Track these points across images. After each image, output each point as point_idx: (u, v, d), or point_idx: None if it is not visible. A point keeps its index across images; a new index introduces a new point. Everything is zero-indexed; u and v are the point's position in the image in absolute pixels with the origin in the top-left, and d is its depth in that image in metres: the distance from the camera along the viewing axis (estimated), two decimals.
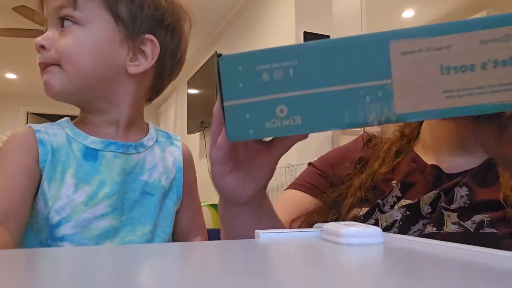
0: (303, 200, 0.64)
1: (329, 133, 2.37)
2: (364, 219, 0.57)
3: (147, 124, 0.63)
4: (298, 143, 0.40)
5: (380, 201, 0.59)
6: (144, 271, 0.25)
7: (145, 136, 0.60)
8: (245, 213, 0.44)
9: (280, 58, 0.34)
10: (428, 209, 0.54)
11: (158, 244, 0.55)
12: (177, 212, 0.61)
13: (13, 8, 3.18)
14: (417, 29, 0.33)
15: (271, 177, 0.44)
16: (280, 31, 2.73)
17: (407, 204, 0.57)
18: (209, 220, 3.45)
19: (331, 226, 0.34)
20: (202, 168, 4.21)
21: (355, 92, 0.34)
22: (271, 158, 0.42)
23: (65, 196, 0.52)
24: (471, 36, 0.32)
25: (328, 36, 2.56)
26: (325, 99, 0.34)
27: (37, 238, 0.52)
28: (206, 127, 4.00)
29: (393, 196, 0.59)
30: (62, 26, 0.53)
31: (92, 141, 0.55)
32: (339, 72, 0.34)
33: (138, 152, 0.58)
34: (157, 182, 0.58)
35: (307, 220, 0.61)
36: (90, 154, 0.55)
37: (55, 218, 0.51)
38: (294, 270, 0.25)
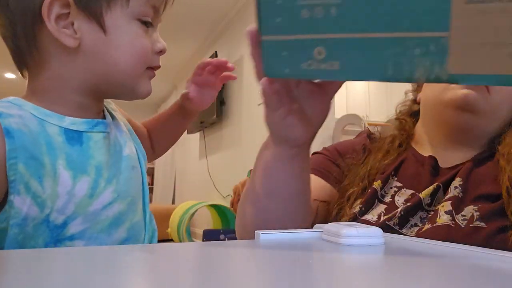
0: (318, 184, 0.65)
1: (329, 133, 2.37)
2: (365, 209, 0.58)
3: None
4: None
5: (379, 190, 0.60)
6: (144, 271, 0.25)
7: (102, 112, 0.56)
8: (297, 159, 0.45)
9: None
10: (428, 199, 0.55)
11: (158, 244, 0.54)
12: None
13: None
14: None
15: (325, 118, 0.44)
16: None
17: (409, 196, 0.58)
18: (209, 220, 3.45)
19: (332, 226, 0.34)
20: (202, 168, 4.21)
21: (404, 42, 0.30)
22: (324, 98, 0.42)
23: (64, 193, 0.45)
24: None
25: None
26: (368, 46, 0.31)
27: (28, 246, 0.45)
28: (206, 127, 4.00)
29: (391, 187, 0.60)
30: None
31: (73, 122, 0.48)
32: (387, 16, 0.29)
33: (110, 130, 0.53)
34: (133, 153, 0.55)
35: (322, 204, 0.62)
36: (73, 138, 0.48)
37: (59, 219, 0.45)
38: (294, 270, 0.25)
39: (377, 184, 0.60)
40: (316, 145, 0.54)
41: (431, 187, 0.56)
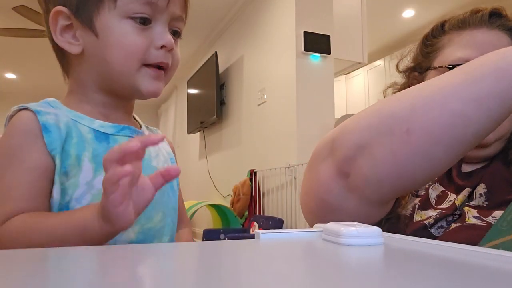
0: None
1: None
2: (398, 203, 0.59)
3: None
4: (298, 143, 0.40)
5: None
6: (144, 271, 0.25)
7: (140, 126, 0.60)
8: None
9: None
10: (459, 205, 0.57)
11: (158, 244, 0.55)
12: None
13: (12, 8, 3.18)
14: None
15: None
16: (280, 31, 2.73)
17: (440, 193, 0.59)
18: (209, 220, 3.45)
19: (332, 226, 0.34)
20: (202, 168, 4.21)
21: None
22: None
23: (84, 183, 0.49)
24: None
25: (329, 36, 2.55)
26: None
27: None
28: (206, 127, 4.00)
29: None
30: (174, 35, 0.54)
31: (101, 125, 0.52)
32: None
33: None
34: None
35: None
36: (101, 137, 0.52)
37: (76, 207, 0.48)
38: (294, 270, 0.25)
39: None
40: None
41: (464, 194, 0.57)
